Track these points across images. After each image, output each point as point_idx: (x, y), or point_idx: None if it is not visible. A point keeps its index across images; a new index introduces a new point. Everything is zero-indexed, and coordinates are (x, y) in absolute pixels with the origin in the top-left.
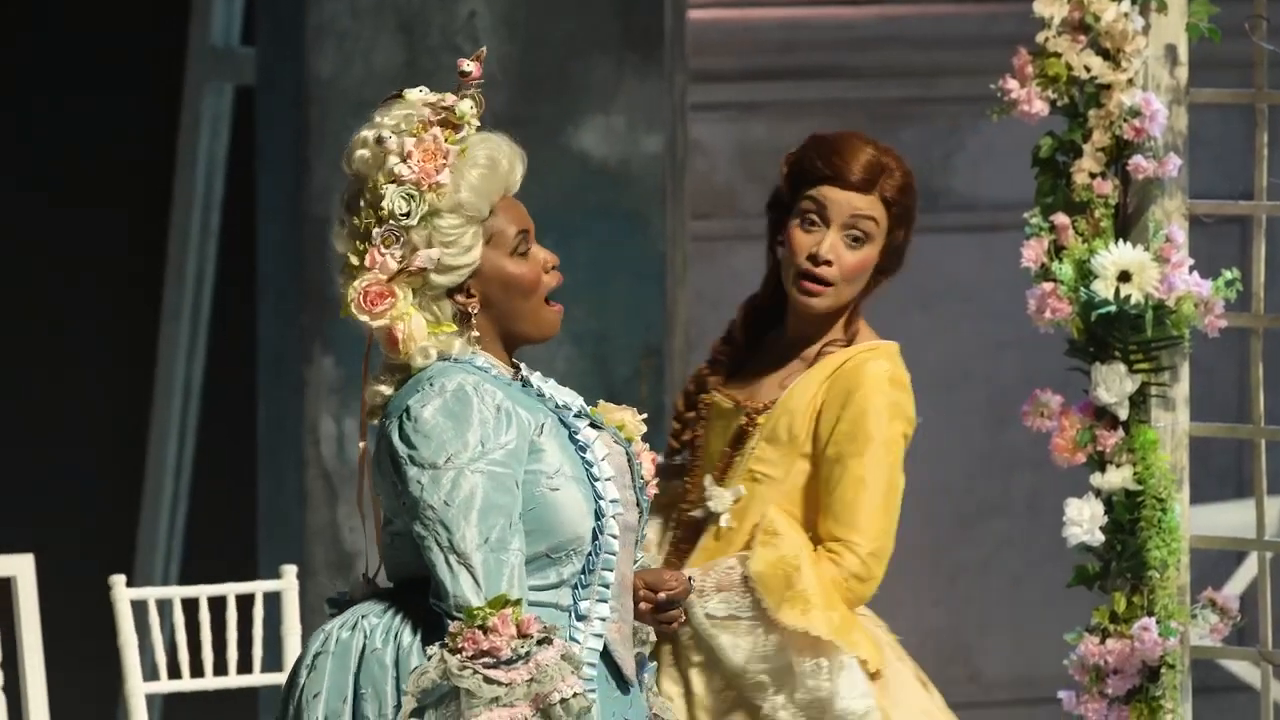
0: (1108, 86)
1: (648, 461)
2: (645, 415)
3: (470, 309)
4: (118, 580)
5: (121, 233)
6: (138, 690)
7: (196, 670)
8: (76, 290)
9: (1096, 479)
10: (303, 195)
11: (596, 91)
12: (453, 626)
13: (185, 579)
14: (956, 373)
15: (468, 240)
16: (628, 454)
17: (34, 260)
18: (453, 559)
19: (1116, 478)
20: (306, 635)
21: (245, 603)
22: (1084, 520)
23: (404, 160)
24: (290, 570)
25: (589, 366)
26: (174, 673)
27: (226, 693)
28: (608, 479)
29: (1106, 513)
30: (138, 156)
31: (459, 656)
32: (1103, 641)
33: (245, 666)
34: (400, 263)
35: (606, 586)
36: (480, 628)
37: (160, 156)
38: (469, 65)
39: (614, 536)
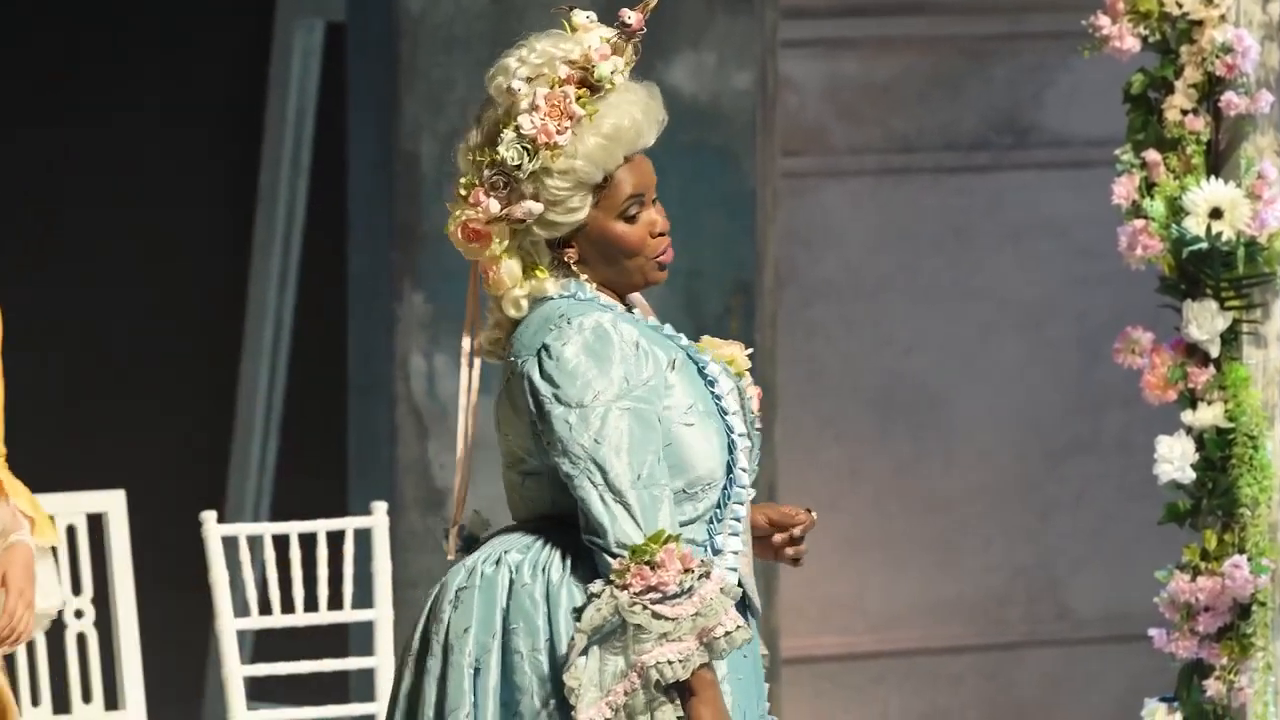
0: (1199, 22)
1: (755, 396)
2: (751, 350)
3: (568, 260)
4: (209, 516)
5: (213, 168)
6: (228, 626)
7: (287, 606)
8: (169, 226)
9: (1188, 416)
10: (393, 132)
11: (687, 27)
12: (617, 564)
13: (276, 515)
14: (1047, 309)
15: (575, 202)
16: (739, 389)
17: (127, 194)
18: (609, 497)
19: (1208, 415)
20: (396, 571)
21: (336, 539)
22: (1175, 457)
23: (531, 111)
24: (381, 507)
25: (680, 303)
26: (265, 609)
27: (317, 629)
28: (734, 413)
29: (1198, 450)
30: (229, 92)
31: (628, 592)
32: (1193, 579)
33: (336, 603)
34: (502, 209)
35: (739, 520)
36: (648, 563)
37: (251, 92)
38: (631, 17)
39: (744, 470)
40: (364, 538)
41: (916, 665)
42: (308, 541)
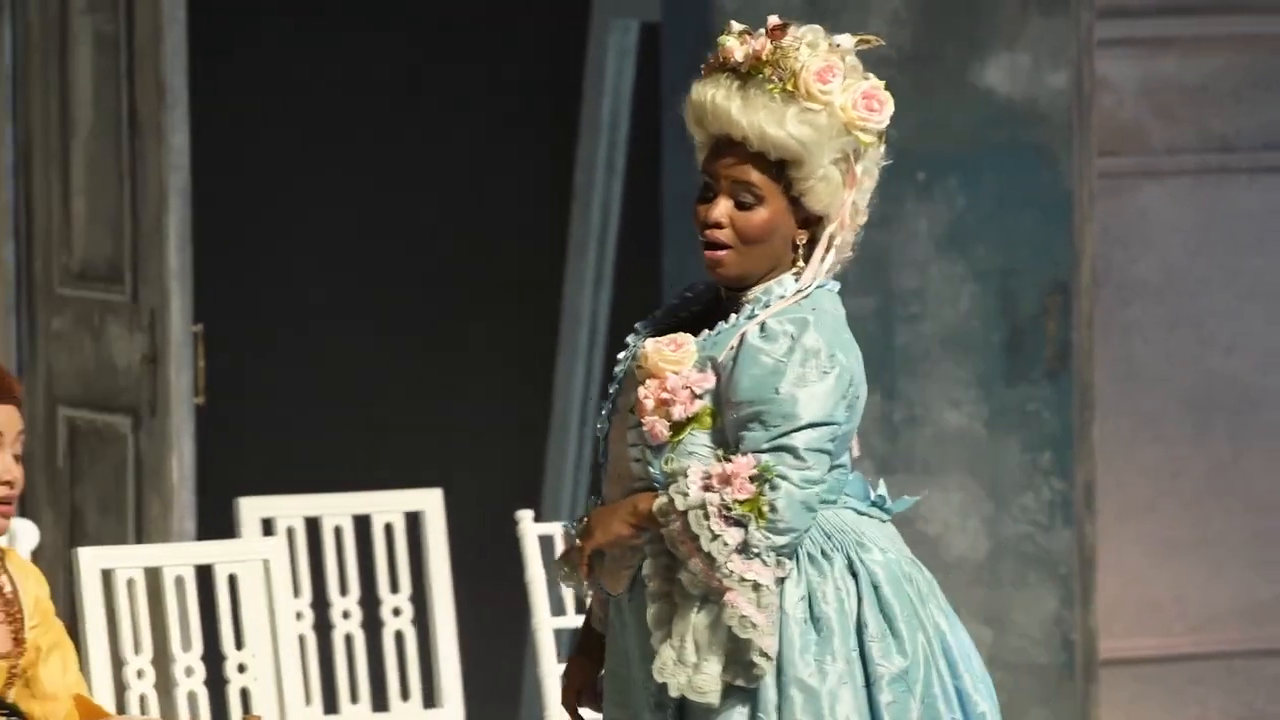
0: None
1: (647, 392)
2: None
3: None
4: (525, 515)
5: (528, 168)
6: (545, 625)
7: None
8: (485, 227)
9: None
10: None
11: (1002, 28)
12: None
13: None
14: None
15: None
16: (618, 384)
17: (443, 195)
18: None
19: None
20: None
21: None
22: None
23: None
24: None
25: (995, 303)
26: (581, 607)
27: None
28: (606, 407)
29: None
30: (544, 93)
31: None
32: None
33: None
34: None
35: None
36: None
37: (566, 92)
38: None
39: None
40: None
41: (1235, 667)
42: None
